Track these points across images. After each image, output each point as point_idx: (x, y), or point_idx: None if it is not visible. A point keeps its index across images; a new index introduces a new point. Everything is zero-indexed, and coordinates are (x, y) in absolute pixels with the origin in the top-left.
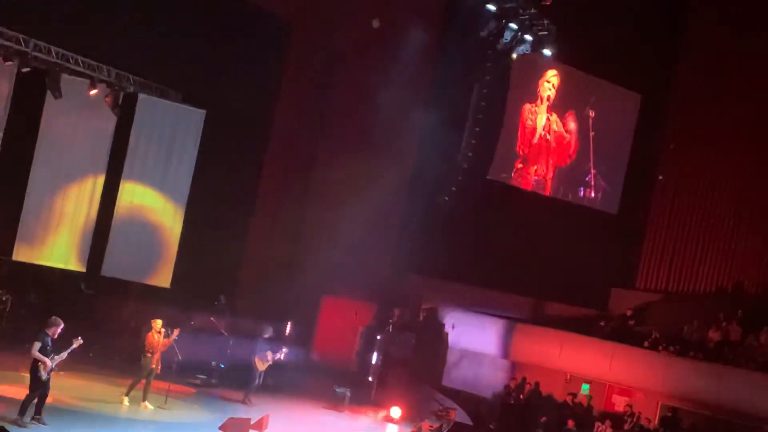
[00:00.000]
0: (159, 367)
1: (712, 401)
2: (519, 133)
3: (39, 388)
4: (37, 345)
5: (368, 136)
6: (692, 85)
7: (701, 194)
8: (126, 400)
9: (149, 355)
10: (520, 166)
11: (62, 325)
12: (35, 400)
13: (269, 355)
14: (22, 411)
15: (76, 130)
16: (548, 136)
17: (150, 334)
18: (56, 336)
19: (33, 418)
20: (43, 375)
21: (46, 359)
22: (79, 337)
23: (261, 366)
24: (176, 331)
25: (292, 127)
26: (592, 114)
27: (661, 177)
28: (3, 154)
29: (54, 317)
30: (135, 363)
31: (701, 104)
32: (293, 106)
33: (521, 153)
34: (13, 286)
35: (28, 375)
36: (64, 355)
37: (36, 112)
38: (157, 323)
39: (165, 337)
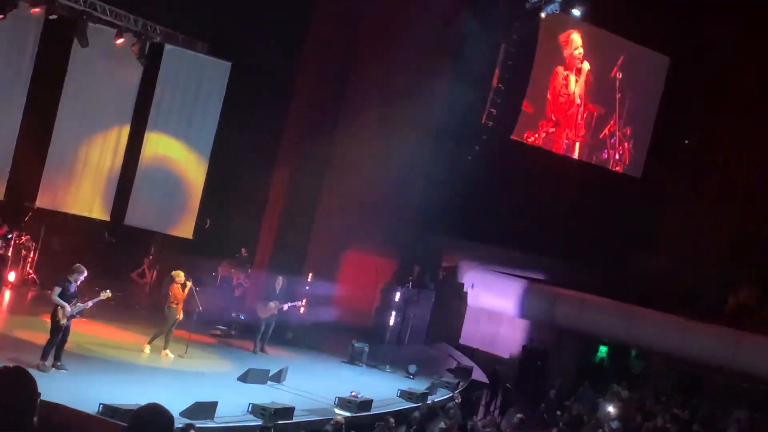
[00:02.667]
0: (181, 316)
1: (727, 365)
2: (545, 94)
3: (59, 333)
4: (57, 290)
5: (393, 93)
6: (723, 47)
7: (727, 159)
8: (147, 349)
9: (173, 306)
10: (548, 128)
11: (86, 273)
12: (55, 346)
13: (273, 304)
14: (44, 356)
15: (102, 79)
16: (576, 99)
17: (173, 285)
18: (79, 283)
19: (54, 364)
20: (62, 320)
21: (65, 304)
22: (108, 290)
23: (262, 314)
24: (188, 284)
25: (317, 82)
26: (619, 76)
27: (687, 141)
28: (29, 101)
29: (78, 265)
30: (157, 313)
31: (731, 67)
32: (318, 59)
33: (547, 114)
34: (37, 233)
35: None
36: (89, 304)
37: (62, 61)
38: (180, 275)
39: (182, 288)
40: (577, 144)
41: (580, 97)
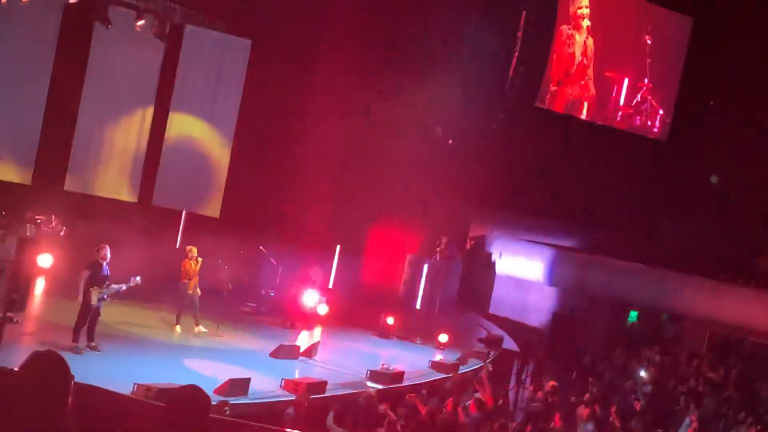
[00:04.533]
0: (198, 291)
1: (760, 328)
2: (570, 61)
3: (87, 314)
4: (86, 273)
5: (417, 64)
6: (745, 4)
7: (754, 119)
8: (178, 328)
9: (185, 281)
10: (570, 92)
11: (107, 248)
12: (86, 327)
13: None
14: (75, 338)
15: (125, 62)
16: (578, 56)
17: (185, 261)
18: (108, 260)
19: (88, 345)
20: (93, 301)
21: (94, 288)
22: (138, 278)
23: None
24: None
25: (339, 56)
26: (648, 40)
27: (712, 102)
28: (52, 86)
29: (102, 245)
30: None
31: (754, 25)
32: (340, 33)
33: (572, 81)
34: (66, 216)
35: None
36: (122, 287)
37: (84, 45)
38: (193, 250)
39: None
40: (605, 109)
41: (608, 62)
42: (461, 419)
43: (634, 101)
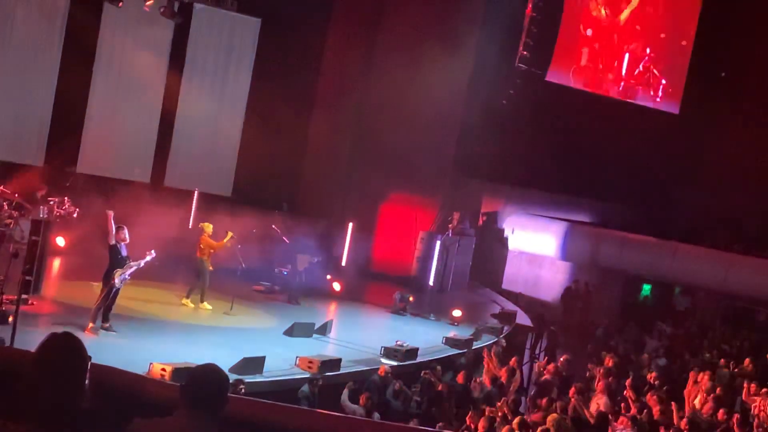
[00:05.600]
0: (211, 267)
1: None
2: (578, 34)
3: (109, 295)
4: (111, 254)
5: (426, 39)
6: None
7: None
8: (207, 305)
9: (205, 258)
10: (580, 65)
11: (125, 229)
12: (102, 308)
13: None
14: (93, 319)
15: (134, 42)
16: (612, 36)
17: (203, 237)
18: (127, 241)
19: (102, 326)
20: (117, 283)
21: (116, 270)
22: (153, 251)
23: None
24: (229, 234)
25: (348, 32)
26: (653, 11)
27: (723, 74)
28: (63, 68)
29: (119, 225)
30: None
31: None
32: (349, 9)
33: (581, 53)
34: (79, 197)
35: (98, 284)
36: (141, 263)
37: (93, 26)
38: (208, 227)
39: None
40: (614, 82)
41: (615, 34)
42: (476, 393)
43: (636, 71)
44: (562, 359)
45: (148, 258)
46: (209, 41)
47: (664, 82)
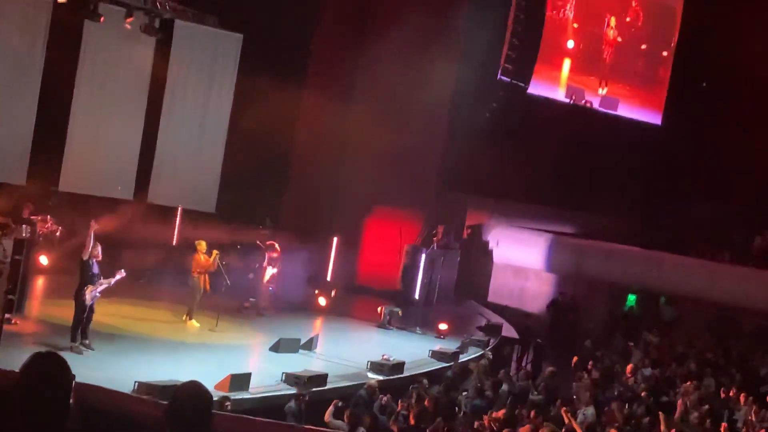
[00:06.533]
0: (208, 285)
1: (758, 307)
2: (560, 46)
3: (83, 313)
4: (81, 271)
5: (408, 53)
6: None
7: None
8: (195, 323)
9: (196, 276)
10: (562, 77)
11: (99, 246)
12: (81, 326)
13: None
14: (73, 338)
15: (116, 59)
16: (593, 48)
17: (196, 255)
18: (99, 258)
19: (81, 343)
20: (89, 299)
21: (87, 286)
22: (122, 270)
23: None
24: (215, 253)
25: (332, 48)
26: (634, 23)
27: (704, 84)
28: (44, 85)
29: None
30: (185, 287)
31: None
32: (332, 25)
33: (563, 65)
34: (62, 216)
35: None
36: (111, 282)
37: (75, 43)
38: (202, 244)
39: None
40: (594, 93)
41: (595, 43)
42: (463, 406)
43: (618, 83)
44: (548, 371)
45: (118, 277)
46: (191, 57)
47: (645, 93)
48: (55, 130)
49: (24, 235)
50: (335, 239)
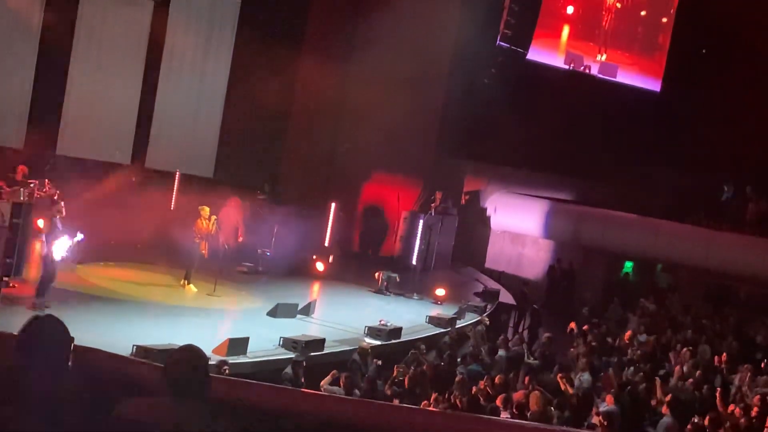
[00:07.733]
0: (207, 252)
1: (755, 274)
2: (559, 12)
3: (46, 270)
4: (46, 228)
5: (407, 19)
6: None
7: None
8: (192, 287)
9: (197, 241)
10: (561, 43)
11: (57, 203)
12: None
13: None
14: (39, 294)
15: (114, 23)
16: (592, 14)
17: (198, 220)
18: (63, 214)
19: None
20: (56, 257)
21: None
22: (78, 232)
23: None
24: (213, 218)
25: (330, 12)
26: None
27: (704, 51)
28: (42, 48)
29: (55, 200)
30: (183, 252)
31: None
32: None
33: (562, 31)
34: (60, 180)
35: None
36: (72, 245)
37: (72, 6)
38: (205, 210)
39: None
40: (593, 59)
41: (593, 9)
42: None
43: (617, 49)
44: (544, 337)
45: (75, 239)
46: (189, 22)
47: (645, 60)
48: (53, 94)
49: (21, 198)
50: (333, 205)
